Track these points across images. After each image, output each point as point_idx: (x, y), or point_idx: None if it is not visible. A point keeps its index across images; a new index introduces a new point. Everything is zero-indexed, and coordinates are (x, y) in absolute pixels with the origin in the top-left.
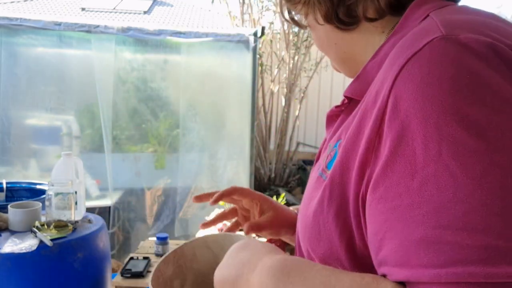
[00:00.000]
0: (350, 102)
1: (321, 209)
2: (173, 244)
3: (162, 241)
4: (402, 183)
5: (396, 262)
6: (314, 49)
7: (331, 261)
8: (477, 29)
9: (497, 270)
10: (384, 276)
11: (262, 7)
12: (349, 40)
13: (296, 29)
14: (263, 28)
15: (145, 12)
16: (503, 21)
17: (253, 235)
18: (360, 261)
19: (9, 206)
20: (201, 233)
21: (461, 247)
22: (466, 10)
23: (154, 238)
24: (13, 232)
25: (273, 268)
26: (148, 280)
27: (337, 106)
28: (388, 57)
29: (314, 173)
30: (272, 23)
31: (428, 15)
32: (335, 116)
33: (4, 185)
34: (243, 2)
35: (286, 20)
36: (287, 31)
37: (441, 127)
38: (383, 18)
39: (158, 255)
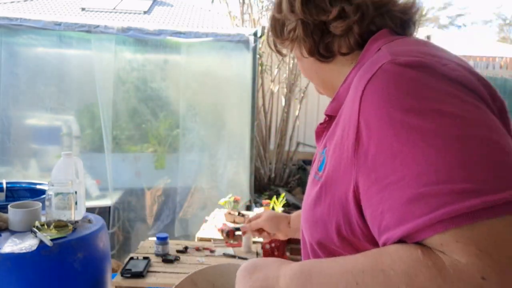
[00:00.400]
0: (330, 118)
1: (318, 203)
2: (173, 244)
3: (162, 241)
4: (388, 167)
5: (395, 223)
6: None
7: (326, 243)
8: (412, 54)
9: (469, 203)
10: (384, 245)
11: (262, 7)
12: (327, 70)
13: None
14: (263, 28)
15: (145, 12)
16: (434, 46)
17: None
18: (347, 242)
19: (9, 206)
20: (202, 233)
21: (439, 196)
22: (408, 42)
23: (154, 238)
24: (13, 232)
25: (296, 273)
26: (149, 280)
27: (321, 124)
28: (353, 81)
29: (310, 176)
30: None
31: (380, 48)
32: (321, 132)
33: (4, 185)
34: (243, 2)
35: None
36: None
37: (403, 122)
38: (353, 53)
39: (158, 255)
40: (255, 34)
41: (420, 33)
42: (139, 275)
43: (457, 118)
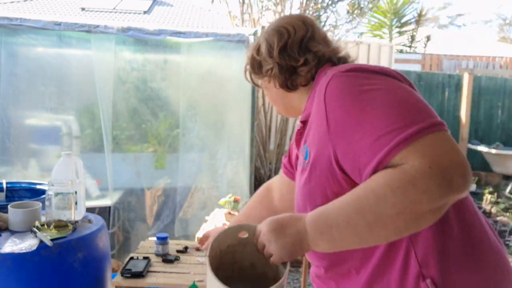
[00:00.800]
0: (304, 123)
1: (310, 179)
2: (173, 244)
3: (162, 241)
4: (353, 130)
5: (370, 158)
6: None
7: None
8: (347, 67)
9: (409, 131)
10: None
11: (262, 7)
12: (291, 97)
13: None
14: (263, 28)
15: (145, 12)
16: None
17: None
18: (338, 195)
19: (9, 206)
20: (202, 233)
21: (392, 132)
22: (332, 68)
23: (154, 238)
24: (13, 232)
25: (314, 219)
26: (149, 280)
27: (298, 130)
28: (315, 96)
29: (298, 170)
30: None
31: (325, 73)
32: (300, 136)
33: (4, 185)
34: (243, 2)
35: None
36: None
37: (354, 100)
38: (309, 84)
39: (158, 255)
40: (255, 34)
41: (420, 33)
42: (139, 275)
43: (385, 89)
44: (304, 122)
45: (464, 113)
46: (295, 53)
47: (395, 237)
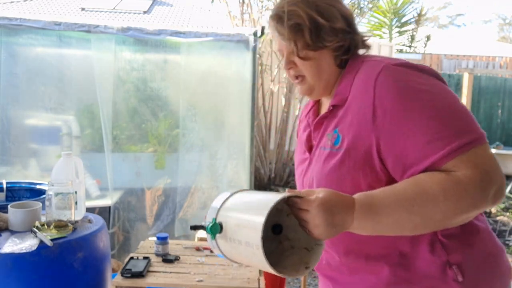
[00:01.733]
0: (333, 108)
1: (342, 165)
2: (173, 244)
3: (162, 241)
4: (404, 124)
5: (420, 159)
6: None
7: (352, 191)
8: (397, 61)
9: (463, 140)
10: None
11: (262, 6)
12: (331, 75)
13: None
14: (263, 28)
15: (145, 12)
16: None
17: None
18: (370, 185)
19: (9, 206)
20: (202, 233)
21: (447, 138)
22: (373, 56)
23: (154, 238)
24: (13, 232)
25: (362, 211)
26: (149, 280)
27: (322, 116)
28: (354, 81)
29: (320, 152)
30: None
31: (363, 60)
32: (320, 122)
33: (4, 185)
34: (243, 2)
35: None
36: None
37: (407, 95)
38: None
39: (158, 255)
40: (255, 34)
41: (420, 33)
42: (139, 275)
43: (437, 92)
44: (335, 107)
45: None
46: (356, 30)
47: (429, 231)
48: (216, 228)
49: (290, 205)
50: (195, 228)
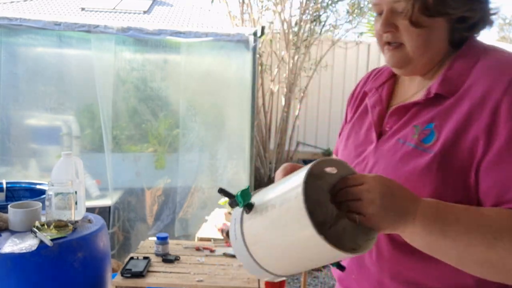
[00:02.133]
0: (434, 97)
1: (429, 172)
2: (173, 244)
3: (162, 241)
4: None
5: None
6: (314, 49)
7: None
8: None
9: None
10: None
11: (262, 6)
12: (443, 51)
13: (295, 28)
14: (263, 28)
15: (145, 12)
16: None
17: None
18: (455, 199)
19: (9, 206)
20: (202, 233)
21: None
22: (498, 48)
23: (154, 238)
24: (13, 232)
25: (431, 221)
26: (149, 280)
27: (414, 102)
28: (474, 72)
29: (390, 146)
30: (272, 22)
31: (485, 49)
32: (406, 108)
33: (4, 185)
34: (243, 2)
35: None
36: (286, 31)
37: None
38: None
39: (158, 255)
40: (255, 34)
41: None
42: (139, 275)
43: None
44: (438, 96)
45: None
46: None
47: (500, 281)
48: (247, 195)
49: (334, 195)
50: (223, 192)
